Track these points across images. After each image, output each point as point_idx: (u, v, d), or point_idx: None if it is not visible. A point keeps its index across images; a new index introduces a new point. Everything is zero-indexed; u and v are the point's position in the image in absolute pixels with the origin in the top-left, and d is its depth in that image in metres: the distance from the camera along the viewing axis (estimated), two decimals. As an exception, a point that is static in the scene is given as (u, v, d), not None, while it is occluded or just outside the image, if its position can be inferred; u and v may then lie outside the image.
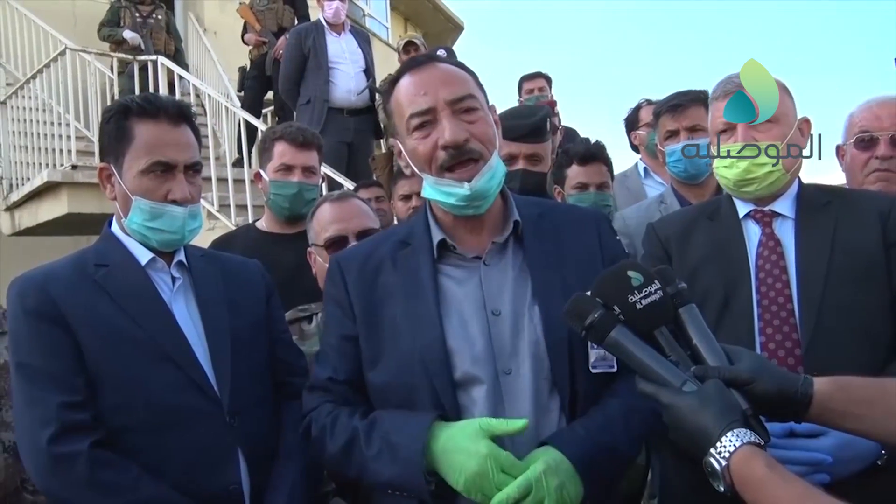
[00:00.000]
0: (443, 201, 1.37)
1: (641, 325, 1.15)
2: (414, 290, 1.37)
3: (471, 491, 1.19)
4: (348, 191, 2.12)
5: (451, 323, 1.34)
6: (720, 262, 1.68)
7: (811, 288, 1.58)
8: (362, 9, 11.61)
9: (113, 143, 1.57)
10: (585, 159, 2.65)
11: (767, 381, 1.10)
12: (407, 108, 1.36)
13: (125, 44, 6.63)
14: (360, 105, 5.18)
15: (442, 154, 1.33)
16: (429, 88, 1.35)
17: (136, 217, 1.56)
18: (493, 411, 1.29)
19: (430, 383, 1.31)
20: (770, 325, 1.59)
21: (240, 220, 5.13)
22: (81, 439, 1.39)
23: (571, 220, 1.50)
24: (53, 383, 1.42)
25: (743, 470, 0.98)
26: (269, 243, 2.60)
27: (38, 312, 1.46)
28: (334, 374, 1.43)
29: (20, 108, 6.76)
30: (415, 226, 1.47)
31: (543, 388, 1.32)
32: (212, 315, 1.60)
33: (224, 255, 1.87)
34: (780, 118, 1.68)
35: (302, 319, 2.07)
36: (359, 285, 1.43)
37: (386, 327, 1.38)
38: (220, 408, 1.52)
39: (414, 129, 1.35)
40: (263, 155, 2.68)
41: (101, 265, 1.55)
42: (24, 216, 6.63)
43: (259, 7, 6.40)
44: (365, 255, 1.47)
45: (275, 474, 1.59)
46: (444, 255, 1.41)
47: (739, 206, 1.75)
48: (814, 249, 1.62)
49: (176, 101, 1.66)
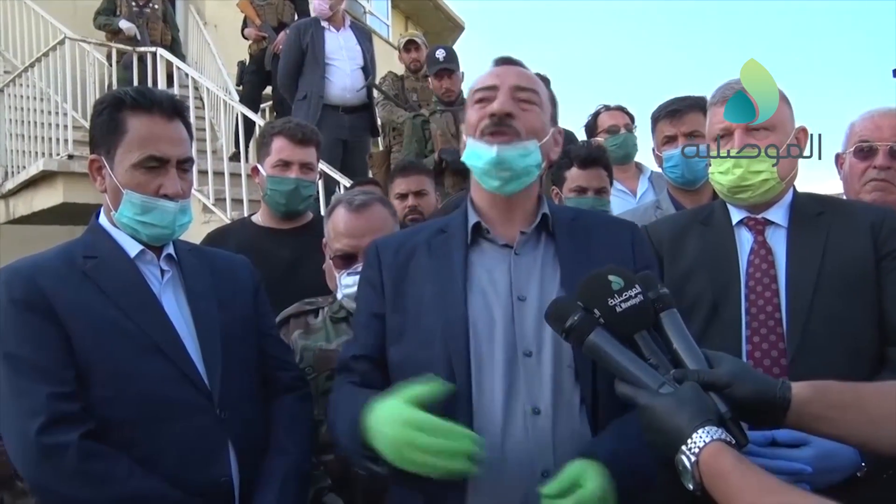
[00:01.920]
0: (473, 164, 1.45)
1: (621, 329, 1.16)
2: (444, 271, 1.43)
3: (398, 459, 1.18)
4: (372, 195, 2.05)
5: (476, 304, 1.38)
6: (711, 269, 1.69)
7: (800, 298, 1.59)
8: (363, 6, 11.60)
9: (105, 136, 1.56)
10: (586, 163, 2.65)
11: (745, 384, 1.11)
12: (476, 85, 1.48)
13: (121, 33, 6.56)
14: (355, 102, 5.17)
15: (486, 121, 1.42)
16: (501, 73, 1.47)
17: (127, 211, 1.55)
18: (508, 391, 1.30)
19: (447, 358, 1.33)
20: (757, 333, 1.60)
21: (235, 215, 5.12)
22: (71, 430, 1.37)
23: (605, 224, 1.55)
24: (42, 374, 1.40)
25: (711, 464, 0.98)
26: (265, 238, 2.60)
27: (26, 303, 1.44)
28: (359, 352, 1.47)
29: (18, 97, 6.74)
30: (455, 217, 1.53)
31: (565, 377, 1.32)
32: (201, 308, 1.60)
33: (212, 250, 1.87)
34: (778, 126, 1.68)
35: (308, 313, 2.04)
36: (392, 266, 1.48)
37: (412, 305, 1.42)
38: (211, 400, 1.52)
39: (475, 101, 1.46)
40: (261, 150, 2.68)
41: (90, 257, 1.54)
42: (20, 205, 6.62)
43: (259, 2, 6.39)
44: (402, 241, 1.53)
45: (265, 467, 1.58)
46: (476, 240, 1.46)
47: (733, 212, 1.76)
48: (804, 259, 1.63)
49: (170, 95, 1.65)
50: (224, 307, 1.63)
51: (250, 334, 1.69)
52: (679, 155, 2.49)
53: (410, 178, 3.21)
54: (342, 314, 1.97)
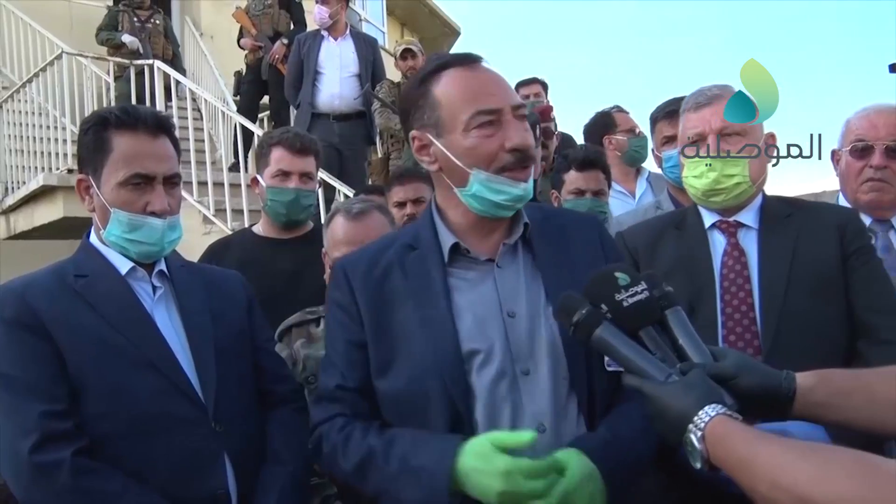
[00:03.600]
0: (487, 198, 1.34)
1: (628, 323, 1.18)
2: (425, 294, 1.35)
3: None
4: (369, 203, 2.05)
5: (466, 325, 1.32)
6: (687, 272, 1.73)
7: (772, 297, 1.65)
8: (358, 13, 11.62)
9: (91, 155, 1.56)
10: (584, 165, 2.67)
11: (751, 376, 1.13)
12: (470, 103, 1.31)
13: (123, 48, 6.63)
14: (346, 110, 5.20)
15: (507, 156, 1.31)
16: (497, 90, 1.33)
17: (115, 229, 1.55)
18: (514, 413, 1.28)
19: (444, 389, 1.29)
20: (733, 332, 1.65)
21: (236, 225, 5.13)
22: (64, 447, 1.37)
23: (573, 222, 1.50)
24: (34, 392, 1.40)
25: (716, 432, 0.99)
26: (267, 248, 2.60)
27: (18, 322, 1.45)
28: (343, 382, 1.39)
29: (16, 112, 6.75)
30: (420, 230, 1.44)
31: (562, 388, 1.31)
32: (194, 323, 1.60)
33: (204, 267, 1.88)
34: (749, 131, 1.72)
35: (310, 322, 2.06)
36: (366, 290, 1.39)
37: (396, 333, 1.35)
38: (206, 414, 1.52)
39: (476, 125, 1.31)
40: (260, 160, 2.68)
41: (81, 275, 1.55)
42: (20, 220, 6.62)
43: (255, 12, 6.41)
44: (370, 260, 1.43)
45: (263, 479, 1.58)
46: (454, 258, 1.38)
47: (705, 216, 1.81)
48: (775, 259, 1.69)
49: (155, 112, 1.66)
50: (217, 322, 1.63)
51: (245, 348, 1.69)
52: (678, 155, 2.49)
53: (408, 186, 3.21)
54: (343, 322, 1.97)
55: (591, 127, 3.60)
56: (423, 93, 1.36)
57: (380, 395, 1.37)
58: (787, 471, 0.88)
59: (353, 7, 11.34)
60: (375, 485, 1.30)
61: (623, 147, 3.41)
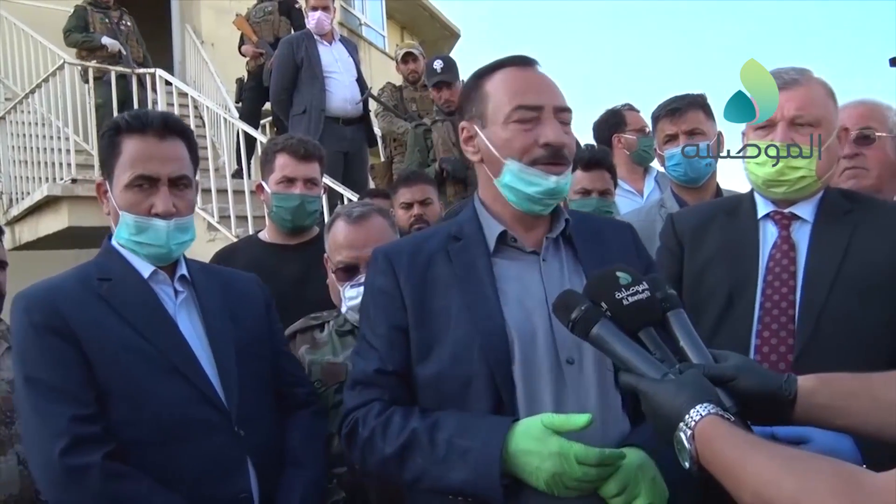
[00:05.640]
0: (520, 189, 1.37)
1: (627, 322, 1.18)
2: (472, 280, 1.37)
3: (554, 488, 1.18)
4: (370, 207, 2.04)
5: (512, 312, 1.33)
6: (730, 261, 1.68)
7: (814, 295, 1.56)
8: (358, 17, 11.64)
9: (106, 159, 1.60)
10: (589, 165, 2.67)
11: (750, 378, 1.11)
12: (513, 98, 1.37)
13: (101, 51, 6.42)
14: (354, 114, 5.20)
15: (540, 151, 1.35)
16: (542, 89, 1.39)
17: (123, 231, 1.57)
18: (557, 401, 1.28)
19: (489, 372, 1.29)
20: (768, 328, 1.58)
21: (240, 231, 5.13)
22: (94, 451, 1.38)
23: (608, 225, 1.55)
24: (64, 396, 1.42)
25: (704, 433, 0.98)
26: (273, 255, 2.61)
27: (46, 326, 1.46)
28: (382, 366, 1.38)
29: (19, 123, 6.76)
30: (464, 222, 1.47)
31: (608, 381, 1.32)
32: (216, 327, 1.61)
33: (222, 269, 1.88)
34: (823, 122, 1.64)
35: (314, 328, 2.05)
36: (411, 276, 1.40)
37: (440, 317, 1.36)
38: (229, 419, 1.53)
39: (515, 119, 1.36)
40: (265, 167, 2.68)
41: (104, 279, 1.56)
42: (25, 231, 6.63)
43: (255, 19, 6.41)
44: (414, 248, 1.45)
45: (285, 482, 1.59)
46: (499, 248, 1.41)
47: (760, 205, 1.73)
48: (825, 256, 1.59)
49: (163, 114, 1.66)
50: (238, 325, 1.64)
51: (264, 350, 1.70)
52: (681, 153, 2.50)
53: (414, 188, 3.22)
54: (347, 327, 1.98)
55: (600, 124, 3.57)
56: (477, 87, 1.44)
57: (419, 382, 1.37)
58: (770, 484, 0.87)
59: (353, 11, 11.39)
60: (418, 468, 1.29)
61: (632, 146, 3.39)
